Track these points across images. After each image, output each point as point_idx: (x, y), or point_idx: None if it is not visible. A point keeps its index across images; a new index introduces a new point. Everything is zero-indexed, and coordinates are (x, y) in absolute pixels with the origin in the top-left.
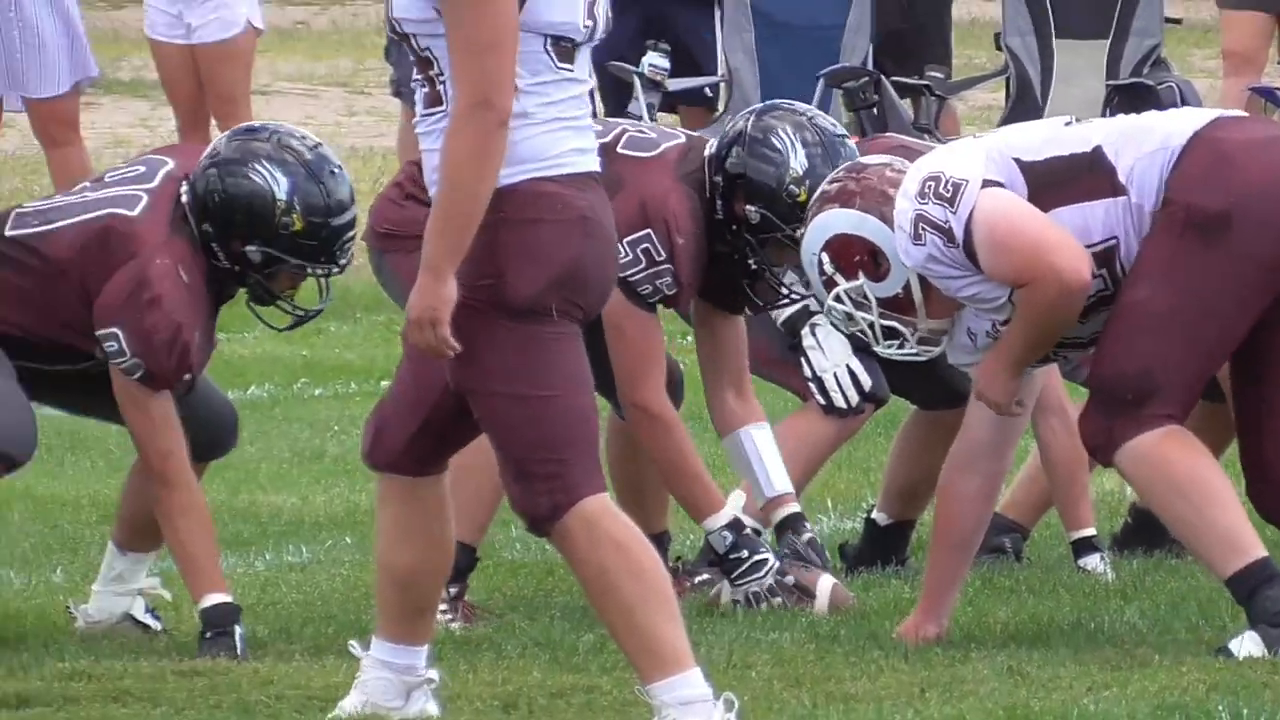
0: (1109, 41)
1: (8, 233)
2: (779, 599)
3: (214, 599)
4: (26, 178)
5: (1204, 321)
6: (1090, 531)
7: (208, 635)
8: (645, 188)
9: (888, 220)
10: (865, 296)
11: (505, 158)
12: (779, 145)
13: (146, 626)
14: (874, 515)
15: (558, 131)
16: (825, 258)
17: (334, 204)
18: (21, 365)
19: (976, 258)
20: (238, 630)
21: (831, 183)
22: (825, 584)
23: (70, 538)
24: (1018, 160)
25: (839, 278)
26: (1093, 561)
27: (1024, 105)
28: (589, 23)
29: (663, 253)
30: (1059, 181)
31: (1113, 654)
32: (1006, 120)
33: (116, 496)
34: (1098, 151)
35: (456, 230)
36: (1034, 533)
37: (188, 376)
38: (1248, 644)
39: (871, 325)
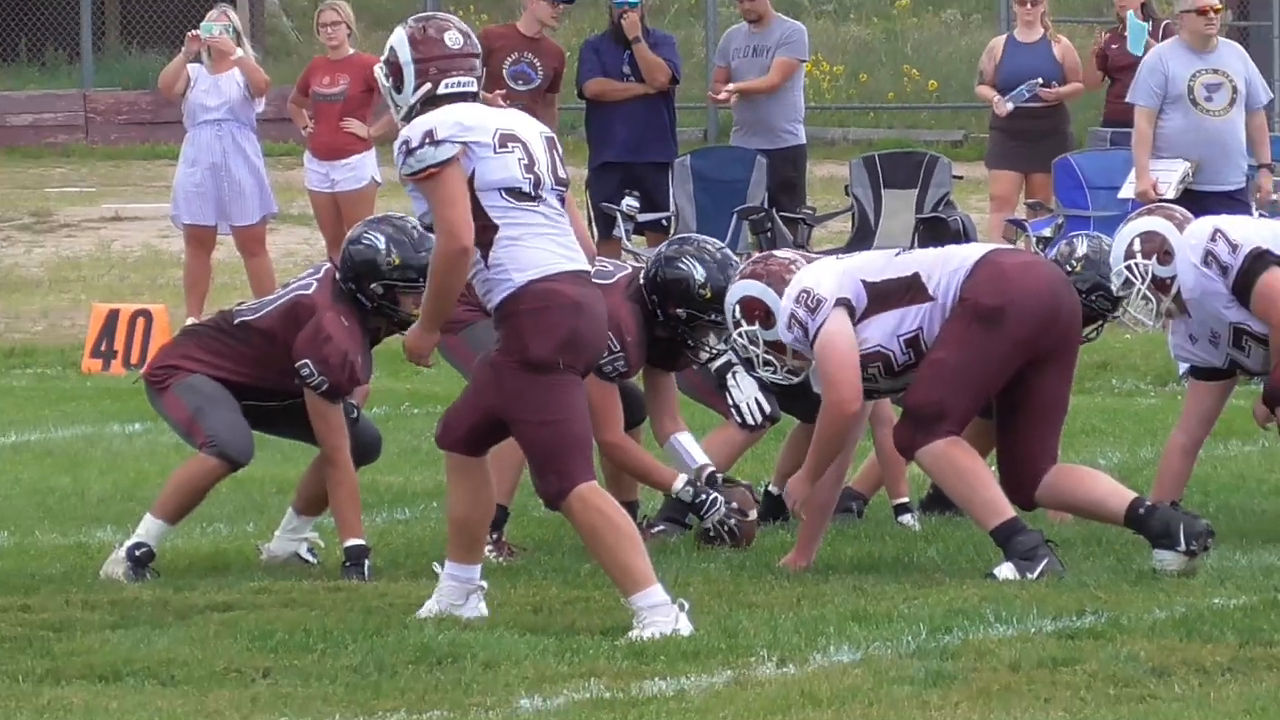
0: (917, 190)
1: (236, 320)
2: (732, 519)
3: (352, 541)
4: (232, 276)
5: (979, 375)
6: (905, 499)
7: (347, 564)
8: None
9: (780, 293)
10: (756, 338)
11: (514, 267)
12: (683, 265)
13: (307, 561)
14: (769, 488)
15: (543, 244)
16: (737, 308)
17: (417, 243)
18: (247, 404)
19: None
20: (366, 562)
21: (751, 264)
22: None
23: (258, 503)
24: (863, 280)
25: (743, 322)
26: (907, 519)
27: (863, 231)
28: (528, 176)
29: (618, 346)
30: (889, 294)
31: (919, 577)
32: (851, 240)
33: (290, 477)
34: (915, 275)
35: (439, 306)
36: (871, 499)
37: (356, 387)
38: (1005, 570)
39: (757, 356)
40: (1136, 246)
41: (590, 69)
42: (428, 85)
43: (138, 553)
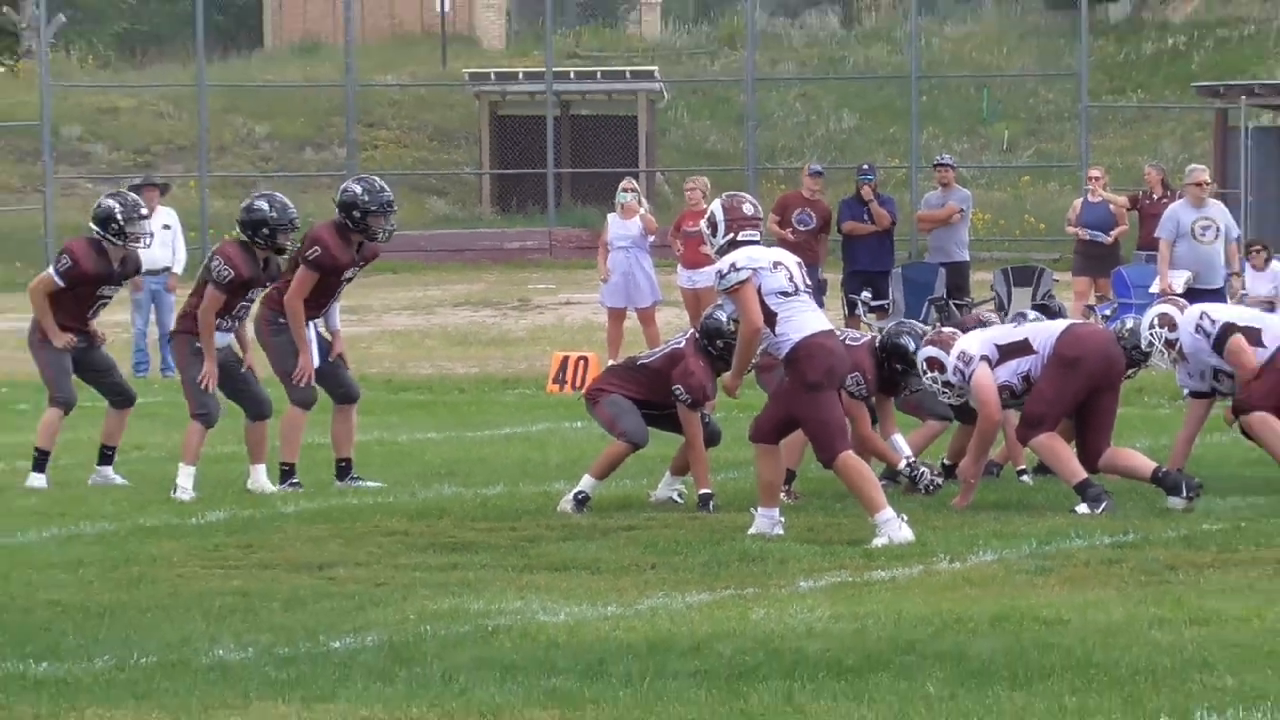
0: (1032, 288)
1: (638, 363)
2: (927, 480)
3: (704, 490)
4: (634, 337)
5: (1063, 398)
6: (1024, 467)
7: (700, 505)
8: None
9: (948, 353)
10: (936, 380)
11: (792, 330)
12: (902, 340)
13: (676, 502)
14: (945, 461)
15: (806, 319)
16: (924, 364)
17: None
18: (643, 411)
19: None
20: (711, 503)
21: (931, 335)
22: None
23: (649, 469)
24: (996, 344)
25: (930, 372)
26: (1025, 479)
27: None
28: (791, 284)
29: (861, 380)
30: (1011, 351)
31: (1032, 512)
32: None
33: (663, 453)
34: (1025, 340)
35: (742, 362)
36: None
37: (707, 401)
38: (1082, 508)
39: (938, 389)
40: (1156, 322)
41: (844, 216)
42: (731, 234)
43: (579, 497)
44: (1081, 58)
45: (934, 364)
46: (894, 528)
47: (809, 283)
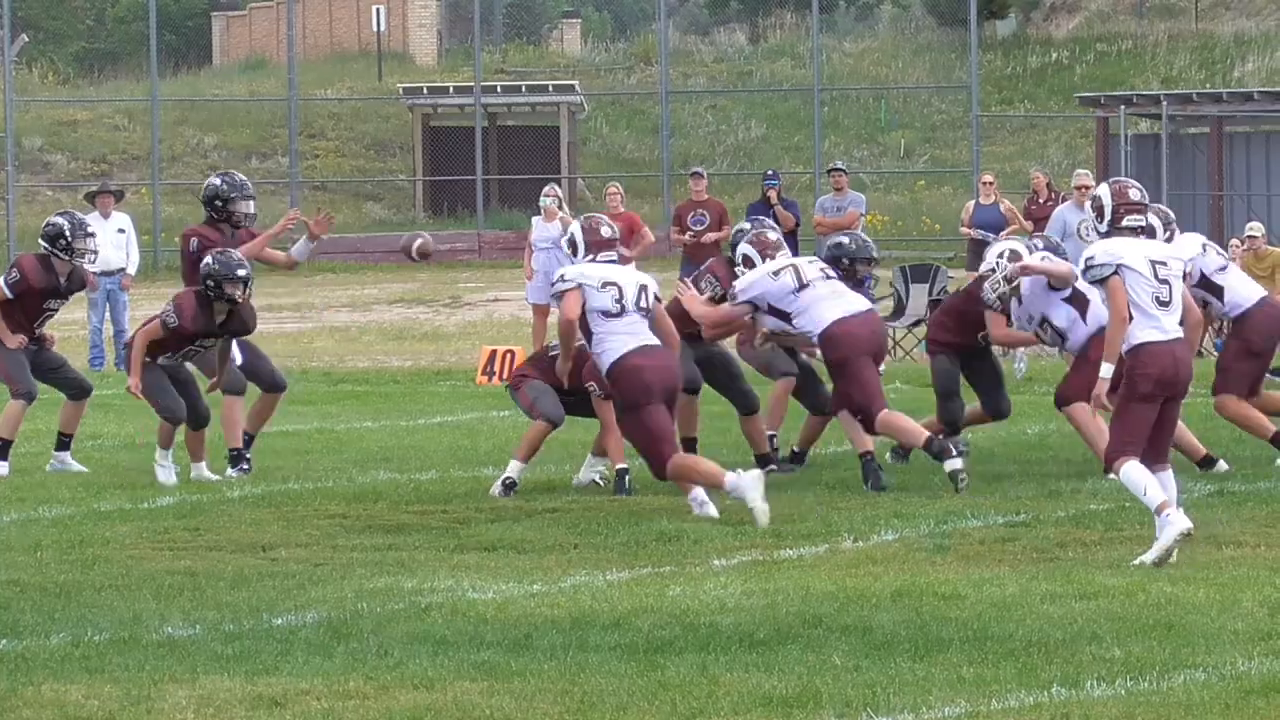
0: (928, 284)
1: (550, 354)
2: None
3: (620, 465)
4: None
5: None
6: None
7: (616, 485)
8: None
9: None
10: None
11: (610, 350)
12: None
13: (598, 484)
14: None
15: (622, 337)
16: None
17: None
18: (563, 397)
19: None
20: (627, 479)
21: (751, 236)
22: None
23: (572, 454)
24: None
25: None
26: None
27: (899, 308)
28: (616, 307)
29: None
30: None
31: (930, 494)
32: (892, 313)
33: (578, 439)
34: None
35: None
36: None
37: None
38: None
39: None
40: (1007, 256)
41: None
42: (590, 255)
43: (507, 482)
44: (972, 71)
45: (748, 261)
46: (747, 488)
47: (648, 305)
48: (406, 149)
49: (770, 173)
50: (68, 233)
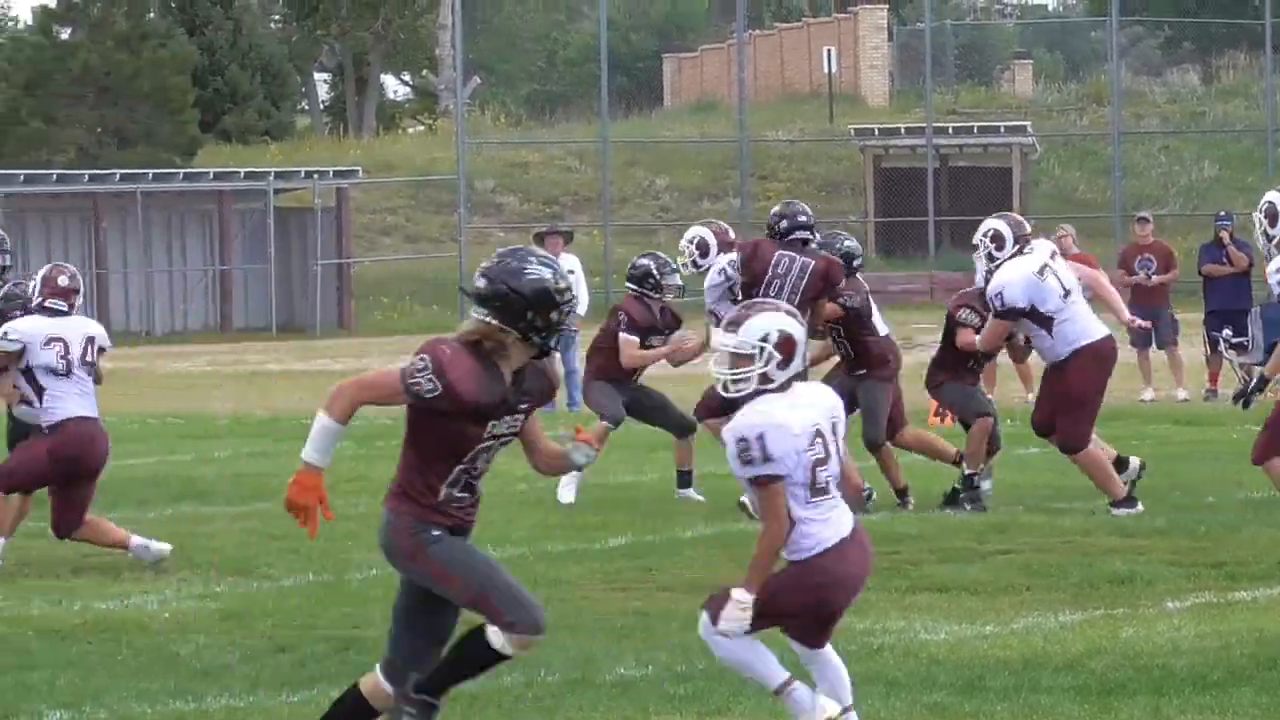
0: None
1: None
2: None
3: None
4: None
5: None
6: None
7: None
8: None
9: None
10: None
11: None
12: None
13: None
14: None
15: None
16: None
17: None
18: None
19: None
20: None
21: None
22: None
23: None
24: None
25: None
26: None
27: None
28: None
29: None
30: None
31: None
32: None
33: None
34: None
35: None
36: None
37: None
38: (1118, 511)
39: None
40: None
41: (1204, 259)
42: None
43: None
44: None
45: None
46: None
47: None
48: (858, 190)
49: (1222, 213)
50: (655, 271)
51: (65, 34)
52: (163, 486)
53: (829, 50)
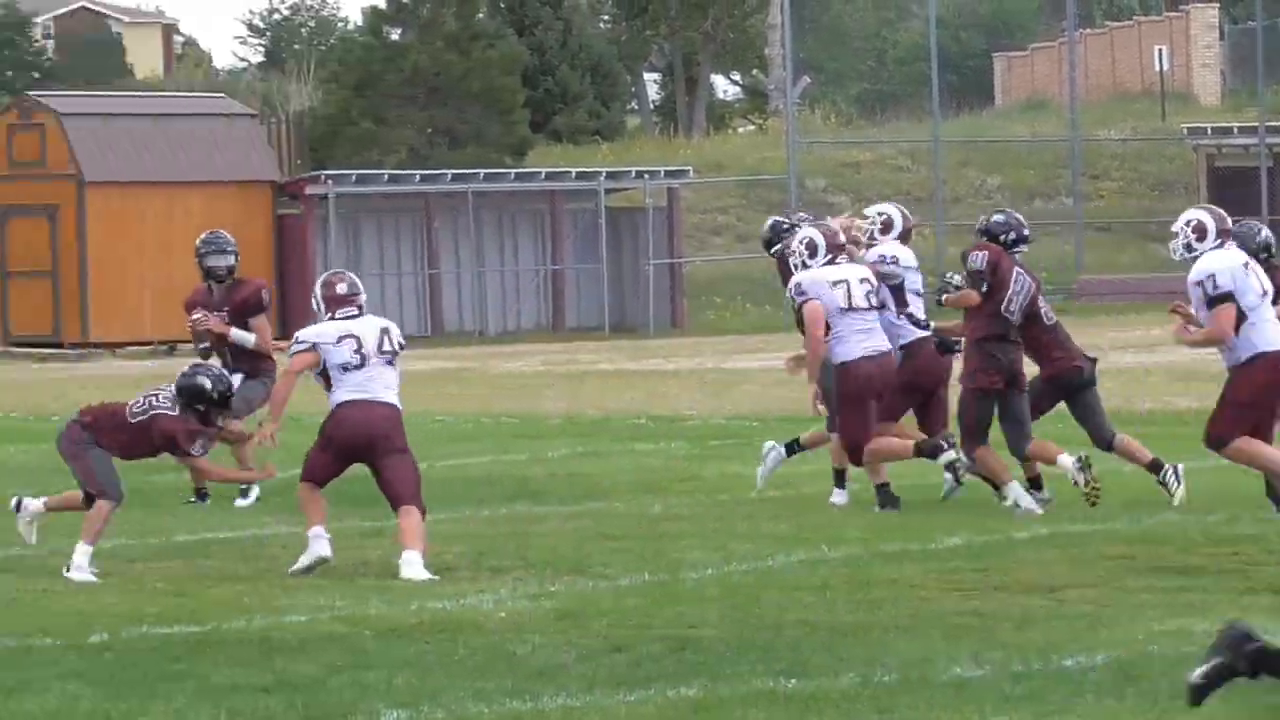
0: None
1: None
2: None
3: None
4: None
5: None
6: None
7: None
8: None
9: None
10: None
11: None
12: None
13: None
14: None
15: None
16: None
17: None
18: None
19: None
20: None
21: None
22: None
23: None
24: None
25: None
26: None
27: None
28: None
29: None
30: None
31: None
32: None
33: None
34: None
35: None
36: None
37: None
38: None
39: None
40: None
41: None
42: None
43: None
44: None
45: None
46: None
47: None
48: (1190, 189)
49: None
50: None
51: (395, 35)
52: (497, 486)
53: (1160, 49)
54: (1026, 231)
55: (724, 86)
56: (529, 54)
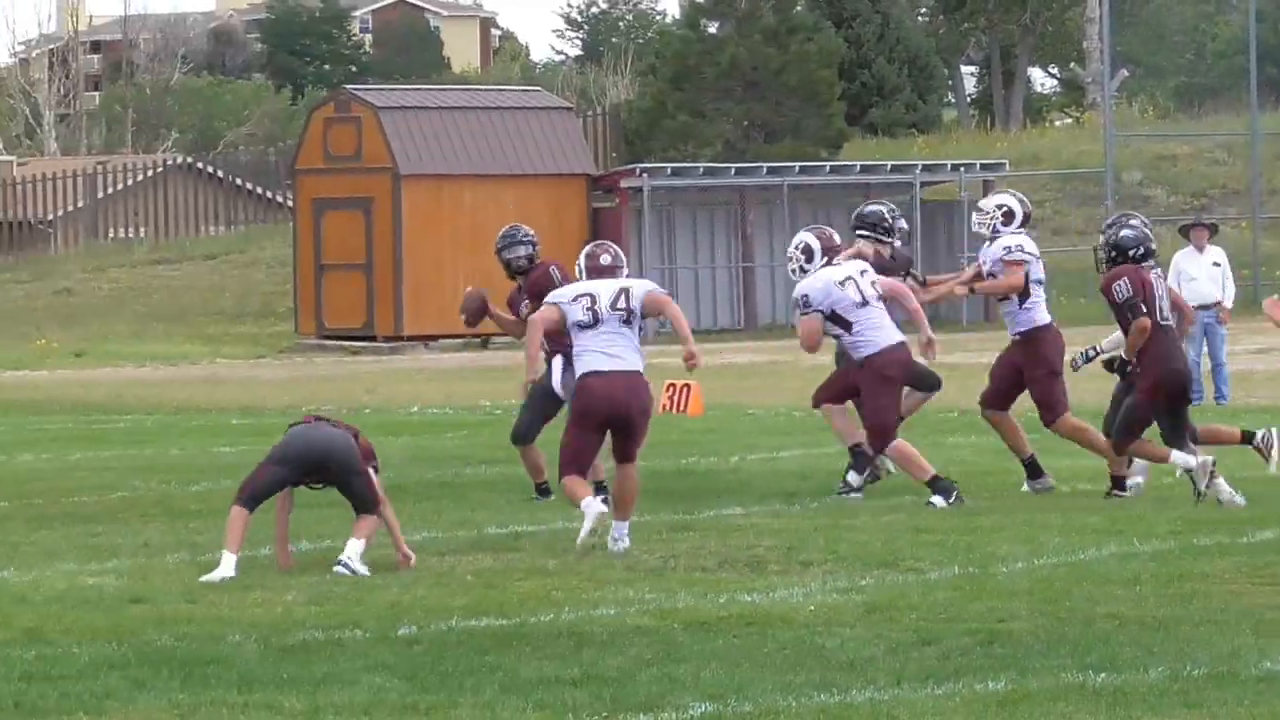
0: None
1: None
2: None
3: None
4: None
5: None
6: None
7: None
8: None
9: None
10: None
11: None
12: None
13: None
14: None
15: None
16: None
17: None
18: None
19: None
20: None
21: None
22: None
23: None
24: None
25: None
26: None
27: None
28: (588, 318)
29: None
30: None
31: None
32: None
33: None
34: None
35: None
36: None
37: None
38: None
39: None
40: None
41: None
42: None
43: None
44: None
45: None
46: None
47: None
48: None
49: None
50: (886, 216)
51: (713, 28)
52: (809, 479)
53: None
54: (1154, 245)
55: (1041, 79)
56: (846, 47)
